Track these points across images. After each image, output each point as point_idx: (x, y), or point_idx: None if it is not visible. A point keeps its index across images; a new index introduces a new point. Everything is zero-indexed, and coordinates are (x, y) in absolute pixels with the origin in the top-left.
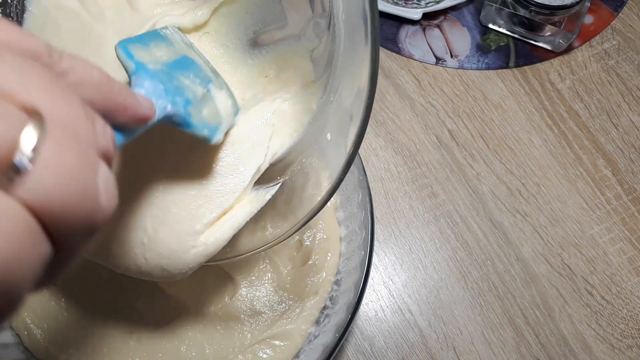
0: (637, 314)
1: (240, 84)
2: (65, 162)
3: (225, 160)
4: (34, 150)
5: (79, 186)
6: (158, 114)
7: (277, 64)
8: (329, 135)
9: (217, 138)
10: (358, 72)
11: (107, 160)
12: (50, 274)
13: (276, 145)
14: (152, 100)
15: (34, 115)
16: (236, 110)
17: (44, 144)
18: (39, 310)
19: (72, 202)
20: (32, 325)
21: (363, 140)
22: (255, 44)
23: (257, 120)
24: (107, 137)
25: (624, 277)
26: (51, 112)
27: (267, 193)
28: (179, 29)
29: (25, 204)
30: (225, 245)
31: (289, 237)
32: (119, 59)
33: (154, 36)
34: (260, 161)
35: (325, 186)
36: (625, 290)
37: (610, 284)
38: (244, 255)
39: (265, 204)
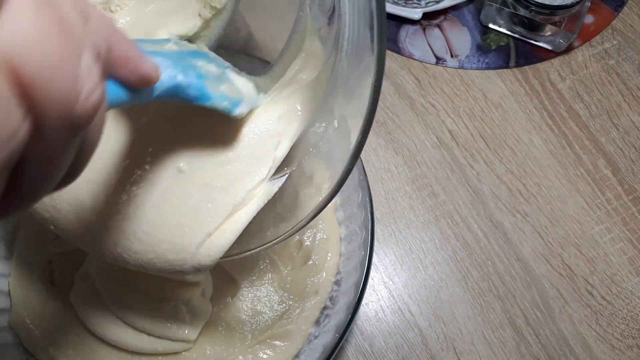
0: (637, 314)
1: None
2: (43, 20)
3: (226, 173)
4: None
5: (57, 49)
6: (167, 81)
7: (288, 54)
8: (336, 122)
9: (239, 110)
10: (363, 50)
11: (100, 64)
12: (28, 184)
13: (283, 149)
14: (159, 65)
15: None
16: (259, 92)
17: None
18: (38, 311)
19: (48, 65)
20: (31, 325)
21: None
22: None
23: (261, 130)
24: (99, 34)
25: (625, 277)
26: None
27: (274, 185)
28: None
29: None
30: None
31: (295, 232)
32: None
33: (166, 41)
34: (263, 175)
35: (330, 182)
36: (626, 290)
37: (611, 284)
38: (252, 252)
39: (272, 199)
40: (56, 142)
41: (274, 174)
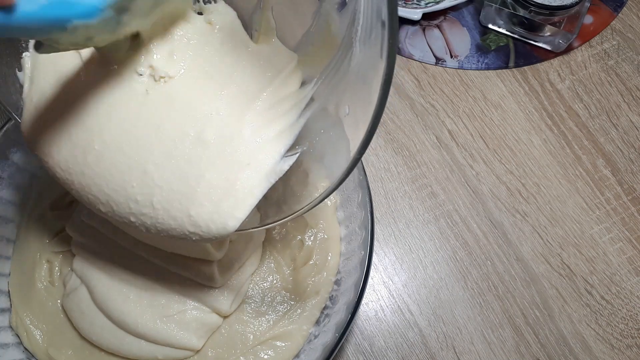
0: (636, 314)
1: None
2: None
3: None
4: None
5: None
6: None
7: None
8: (347, 108)
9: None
10: (375, 40)
11: None
12: None
13: (301, 122)
14: None
15: None
16: None
17: None
18: (38, 311)
19: None
20: (31, 326)
21: None
22: None
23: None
24: None
25: (624, 277)
26: None
27: (285, 163)
28: None
29: None
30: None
31: (313, 206)
32: None
33: None
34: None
35: (345, 161)
36: (625, 290)
37: (610, 284)
38: (265, 227)
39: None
40: None
41: (287, 151)
